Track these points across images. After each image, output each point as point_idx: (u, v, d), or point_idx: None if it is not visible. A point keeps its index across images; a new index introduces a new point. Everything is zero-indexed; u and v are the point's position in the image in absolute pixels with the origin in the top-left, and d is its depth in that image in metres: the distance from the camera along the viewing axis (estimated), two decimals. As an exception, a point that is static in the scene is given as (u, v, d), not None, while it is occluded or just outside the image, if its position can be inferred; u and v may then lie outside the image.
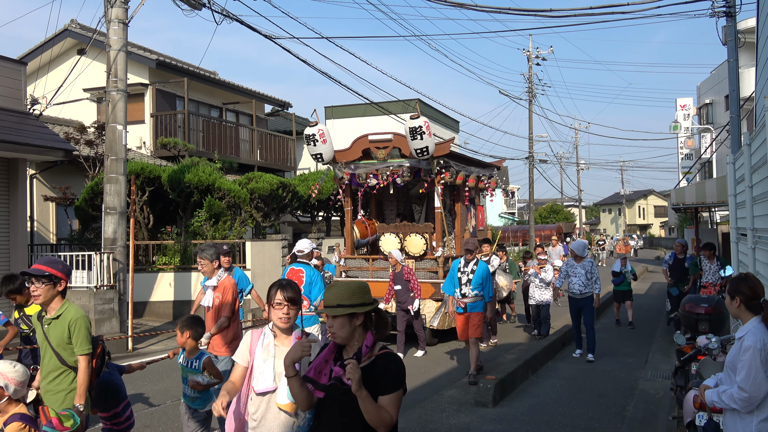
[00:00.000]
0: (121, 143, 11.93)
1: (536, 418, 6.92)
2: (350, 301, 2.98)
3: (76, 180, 16.74)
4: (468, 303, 8.66)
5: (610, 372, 9.18)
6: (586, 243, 10.69)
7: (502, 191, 20.80)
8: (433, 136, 10.71)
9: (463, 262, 8.82)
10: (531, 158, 35.68)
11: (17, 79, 12.67)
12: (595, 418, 6.93)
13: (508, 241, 42.08)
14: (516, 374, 8.38)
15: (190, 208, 16.47)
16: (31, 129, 12.43)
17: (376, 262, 11.82)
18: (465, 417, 6.98)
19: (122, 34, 11.87)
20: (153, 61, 20.30)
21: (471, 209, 13.33)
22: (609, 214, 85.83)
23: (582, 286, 9.97)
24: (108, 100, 11.99)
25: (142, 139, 20.60)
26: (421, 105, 34.20)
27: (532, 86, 35.93)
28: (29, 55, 20.61)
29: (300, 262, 7.73)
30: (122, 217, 12.01)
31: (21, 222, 12.63)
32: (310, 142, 11.44)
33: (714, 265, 11.18)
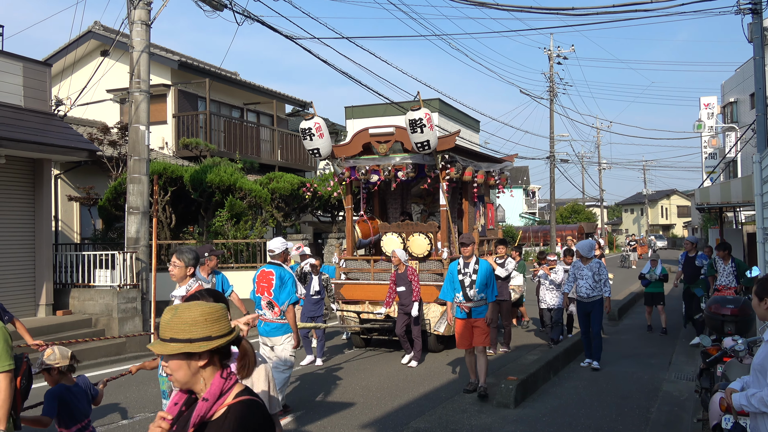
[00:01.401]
0: (143, 144, 12.03)
1: (558, 420, 6.87)
2: (189, 333, 2.15)
3: (100, 180, 16.92)
4: (473, 307, 7.86)
5: (633, 374, 9.09)
6: (593, 243, 9.97)
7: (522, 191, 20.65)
8: (435, 129, 10.17)
9: (462, 263, 8.04)
10: (552, 158, 35.47)
11: (42, 81, 12.83)
12: (618, 420, 6.86)
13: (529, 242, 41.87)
14: (538, 375, 8.32)
15: (211, 207, 16.59)
16: (56, 130, 12.58)
17: (377, 264, 11.24)
18: (486, 418, 6.94)
19: (145, 36, 11.97)
20: (175, 62, 20.46)
21: (480, 207, 12.70)
22: (631, 214, 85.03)
23: (589, 289, 9.39)
24: (131, 100, 12.10)
25: (165, 140, 20.78)
26: (442, 104, 34.19)
27: (554, 85, 35.72)
28: (54, 57, 20.86)
29: (271, 263, 7.02)
30: (145, 217, 12.12)
31: (46, 221, 12.79)
32: (306, 136, 10.96)
33: (728, 266, 10.76)
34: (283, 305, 6.69)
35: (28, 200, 12.53)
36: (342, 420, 6.98)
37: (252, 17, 13.33)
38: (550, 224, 37.39)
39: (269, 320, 6.79)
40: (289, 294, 6.72)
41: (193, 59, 23.14)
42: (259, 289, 6.88)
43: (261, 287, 6.86)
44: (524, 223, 55.99)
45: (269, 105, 24.53)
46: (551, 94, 35.54)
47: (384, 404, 7.62)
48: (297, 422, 6.91)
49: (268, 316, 6.78)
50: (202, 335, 2.16)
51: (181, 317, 2.18)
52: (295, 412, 7.28)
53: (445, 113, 35.11)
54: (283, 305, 6.69)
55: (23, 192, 12.46)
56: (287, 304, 6.68)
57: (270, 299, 6.75)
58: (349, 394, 8.07)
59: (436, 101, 33.46)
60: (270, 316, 6.78)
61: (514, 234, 36.49)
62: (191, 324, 2.17)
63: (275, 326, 6.79)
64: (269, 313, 6.77)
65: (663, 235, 67.10)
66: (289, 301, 6.69)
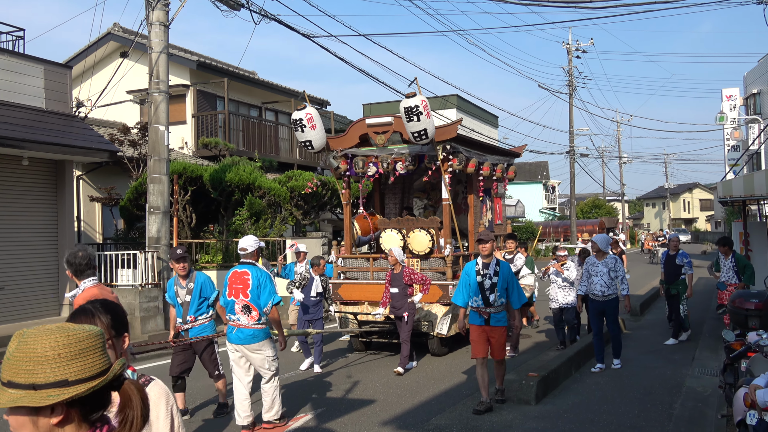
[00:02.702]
0: (163, 144, 12.12)
1: (580, 416, 6.82)
2: (34, 375, 1.44)
3: (121, 180, 17.08)
4: (492, 313, 7.13)
5: (655, 369, 9.01)
6: (608, 237, 9.44)
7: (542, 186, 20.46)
8: (432, 117, 9.52)
9: (481, 264, 7.25)
10: (572, 152, 35.25)
11: (63, 83, 12.97)
12: (641, 416, 6.80)
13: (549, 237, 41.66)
14: (559, 371, 8.26)
15: (231, 206, 16.68)
16: (77, 131, 12.72)
17: (377, 262, 10.53)
18: (507, 414, 6.92)
19: (163, 36, 12.05)
20: (194, 62, 20.59)
21: (487, 201, 11.99)
22: (653, 208, 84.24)
23: (605, 286, 8.78)
24: (150, 101, 12.20)
25: (184, 140, 20.92)
26: (460, 100, 34.10)
27: (573, 79, 35.49)
28: (74, 59, 21.09)
29: (244, 262, 6.36)
30: (165, 217, 12.21)
31: (68, 222, 12.94)
32: (297, 127, 10.35)
33: (729, 261, 10.38)
34: (266, 307, 6.13)
35: (50, 201, 12.69)
36: (362, 417, 6.99)
37: (269, 16, 13.38)
38: (570, 219, 37.17)
39: (244, 326, 6.19)
40: (270, 294, 6.16)
41: (211, 59, 23.28)
42: (232, 292, 6.25)
43: (235, 289, 6.24)
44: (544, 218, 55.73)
45: (287, 104, 24.60)
46: (570, 89, 35.30)
47: (404, 401, 7.62)
48: (317, 419, 6.93)
49: (243, 321, 6.19)
50: (53, 379, 1.43)
51: (24, 350, 1.46)
52: (315, 409, 7.30)
53: (463, 109, 35.01)
54: (266, 307, 6.13)
55: (46, 193, 12.62)
56: (270, 305, 6.14)
57: (246, 302, 6.15)
58: (369, 392, 8.08)
59: (454, 97, 33.38)
60: (246, 322, 6.19)
61: (534, 229, 36.35)
62: (38, 361, 1.44)
63: (252, 333, 6.20)
64: (245, 318, 6.19)
65: (686, 229, 66.38)
66: (272, 302, 6.16)
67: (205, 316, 7.04)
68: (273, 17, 13.44)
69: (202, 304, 7.00)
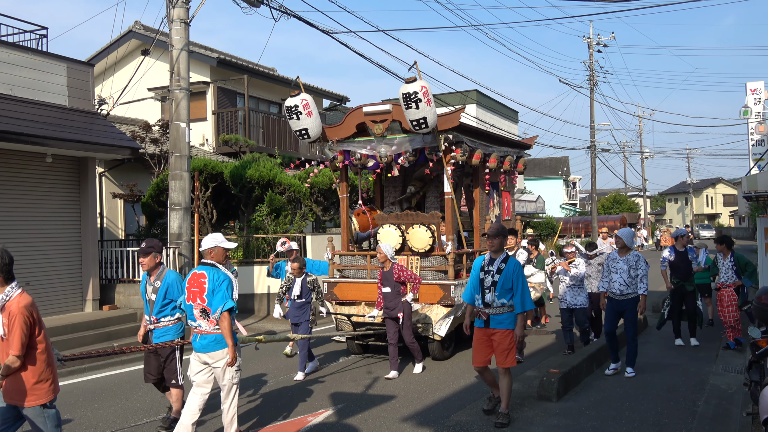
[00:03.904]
0: (184, 140, 12.20)
1: (602, 413, 6.77)
2: None
3: (143, 177, 17.22)
4: (491, 314, 6.49)
5: (678, 366, 8.91)
6: (633, 231, 9.04)
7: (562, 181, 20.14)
8: (433, 104, 8.88)
9: (488, 259, 6.64)
10: (593, 147, 34.98)
11: (85, 81, 13.11)
12: (664, 413, 6.73)
13: (570, 233, 41.37)
14: (580, 368, 8.21)
15: (251, 203, 16.76)
16: (100, 128, 12.85)
17: (374, 260, 9.67)
18: (528, 411, 6.88)
19: (184, 34, 12.12)
20: (214, 59, 20.69)
21: (494, 195, 11.33)
22: (675, 203, 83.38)
23: (624, 285, 8.25)
24: (171, 98, 12.28)
25: (205, 136, 21.05)
26: (479, 95, 33.96)
27: (593, 74, 35.19)
28: (96, 57, 21.30)
29: (204, 263, 5.87)
30: (187, 213, 12.30)
31: (91, 218, 13.09)
32: (291, 115, 9.77)
33: (728, 260, 9.97)
34: (215, 313, 5.63)
35: (74, 198, 12.83)
36: (382, 413, 6.99)
37: (288, 13, 13.40)
38: (592, 215, 36.88)
39: (206, 331, 5.73)
40: (222, 298, 5.63)
41: (231, 56, 23.38)
42: (191, 296, 5.80)
43: (192, 293, 5.78)
44: (565, 214, 55.34)
45: (307, 100, 24.62)
46: (591, 83, 35.02)
47: (424, 397, 7.61)
48: (337, 415, 6.95)
49: (204, 326, 5.73)
50: None
51: None
52: (335, 404, 7.32)
53: (483, 104, 34.86)
54: (215, 313, 5.63)
55: (69, 190, 12.77)
56: (220, 312, 5.61)
57: (203, 306, 5.70)
58: (389, 388, 8.08)
59: (474, 92, 33.25)
60: (206, 327, 5.73)
61: (554, 225, 36.11)
62: None
63: (213, 339, 5.72)
64: (204, 323, 5.72)
65: (710, 225, 65.58)
66: (222, 308, 5.60)
67: (169, 319, 6.53)
68: (292, 14, 13.47)
69: (165, 306, 6.50)
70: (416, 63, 9.11)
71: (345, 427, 6.57)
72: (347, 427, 6.54)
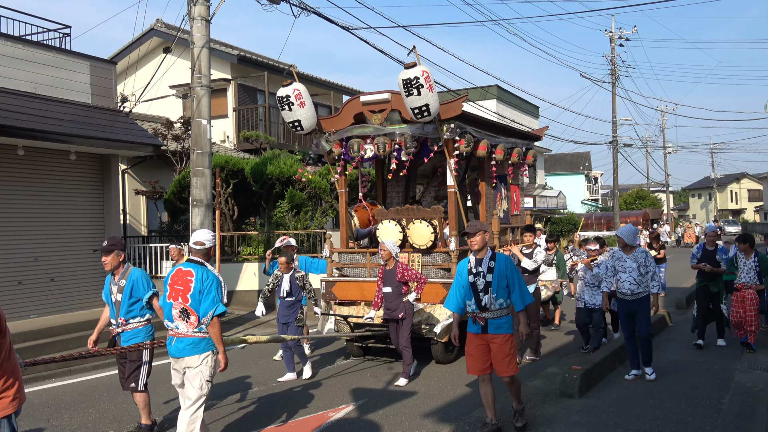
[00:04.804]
0: (206, 137, 12.28)
1: (625, 410, 6.71)
2: None
3: (165, 174, 17.38)
4: (489, 319, 5.92)
5: (702, 363, 8.81)
6: (635, 229, 8.20)
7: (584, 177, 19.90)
8: (435, 91, 8.34)
9: (474, 261, 6.04)
10: (615, 142, 34.68)
11: (108, 79, 13.23)
12: (688, 411, 6.66)
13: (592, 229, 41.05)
14: (603, 365, 8.14)
15: (272, 199, 16.84)
16: (122, 126, 12.98)
17: (375, 257, 9.29)
18: (550, 408, 6.84)
19: (205, 31, 12.18)
20: (234, 56, 20.80)
21: (502, 189, 10.82)
22: (699, 199, 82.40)
23: (634, 284, 7.81)
24: (193, 95, 12.35)
25: (226, 133, 21.18)
26: (500, 91, 33.80)
27: (615, 68, 34.89)
28: (118, 55, 21.51)
29: (192, 260, 5.33)
30: (208, 209, 12.38)
31: (115, 215, 13.22)
32: (284, 106, 9.24)
33: (750, 260, 9.33)
34: (205, 317, 5.13)
35: (97, 195, 12.97)
36: (403, 409, 6.99)
37: (308, 9, 13.43)
38: (614, 211, 36.58)
39: (183, 334, 5.19)
40: (213, 302, 5.14)
41: (252, 53, 23.48)
42: (172, 294, 5.25)
43: (175, 291, 5.24)
44: (586, 209, 54.95)
45: (326, 96, 24.69)
46: (613, 78, 34.72)
47: (445, 393, 7.60)
48: (358, 410, 6.96)
49: (182, 328, 5.19)
50: None
51: None
52: (356, 400, 7.33)
53: (504, 100, 34.69)
54: (205, 317, 5.13)
55: (93, 187, 12.92)
56: (211, 316, 5.12)
57: (185, 306, 5.17)
58: (410, 384, 8.07)
59: (494, 88, 33.10)
60: (184, 329, 5.19)
61: (576, 221, 35.86)
62: None
63: (190, 342, 5.18)
64: (183, 325, 5.19)
65: (735, 220, 64.68)
66: (213, 312, 5.13)
67: (138, 320, 6.17)
68: (312, 10, 13.49)
69: (133, 306, 6.15)
70: (414, 47, 8.61)
71: (366, 422, 6.58)
72: (368, 423, 6.55)
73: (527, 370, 8.80)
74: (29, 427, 6.78)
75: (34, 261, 11.71)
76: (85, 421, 6.92)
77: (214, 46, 16.11)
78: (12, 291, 11.28)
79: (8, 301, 11.14)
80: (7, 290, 11.20)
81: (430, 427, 6.38)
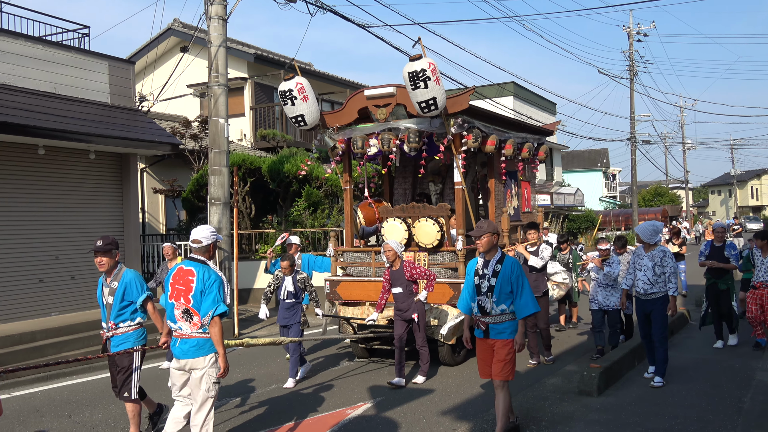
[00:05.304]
0: (223, 136, 12.34)
1: (644, 408, 6.67)
2: None
3: (183, 173, 17.49)
4: (490, 323, 5.70)
5: (723, 362, 8.72)
6: (657, 225, 7.75)
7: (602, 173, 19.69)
8: (442, 83, 8.02)
9: (481, 262, 5.80)
10: (633, 139, 34.43)
11: (126, 78, 13.34)
12: (709, 409, 6.60)
13: (610, 226, 40.79)
14: (622, 362, 8.09)
15: (289, 197, 16.90)
16: (141, 125, 13.08)
17: (380, 256, 8.95)
18: (568, 406, 6.81)
19: (222, 30, 12.24)
20: (251, 55, 20.88)
21: (512, 186, 10.52)
22: (718, 195, 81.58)
23: (648, 283, 7.48)
24: (210, 94, 12.42)
25: (243, 132, 21.28)
26: (516, 87, 33.66)
27: (633, 64, 34.61)
28: (136, 55, 21.68)
29: (193, 259, 5.15)
30: (226, 208, 12.44)
31: (134, 213, 13.34)
32: (286, 100, 8.95)
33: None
34: (206, 318, 4.96)
35: (116, 193, 13.09)
36: (421, 406, 7.00)
37: (324, 7, 13.45)
38: (632, 208, 36.31)
39: (187, 335, 5.03)
40: (214, 302, 4.96)
41: (268, 52, 23.55)
42: (174, 294, 5.08)
43: (176, 291, 5.07)
44: (604, 206, 54.61)
45: (343, 94, 24.70)
46: (631, 73, 34.45)
47: (463, 391, 7.59)
48: (376, 408, 6.97)
49: (186, 329, 5.04)
50: None
51: None
52: (374, 398, 7.34)
53: (520, 96, 34.53)
54: (206, 318, 4.96)
55: (112, 185, 13.03)
56: (211, 316, 4.95)
57: (187, 306, 5.01)
58: (428, 381, 8.07)
59: (511, 84, 32.96)
60: (188, 330, 5.03)
61: (593, 218, 35.63)
62: None
63: (195, 344, 5.02)
64: (186, 326, 5.03)
65: (757, 217, 63.92)
66: (214, 312, 4.95)
67: (129, 324, 5.89)
68: (328, 8, 13.51)
69: (124, 309, 5.88)
70: (420, 39, 8.36)
71: (383, 420, 6.59)
72: (386, 420, 6.56)
73: (545, 368, 8.79)
74: (52, 423, 6.89)
75: (55, 259, 11.84)
76: (106, 418, 7.00)
77: (230, 45, 16.17)
78: (34, 289, 11.42)
79: (30, 299, 11.28)
80: (28, 288, 11.34)
81: (448, 425, 6.38)
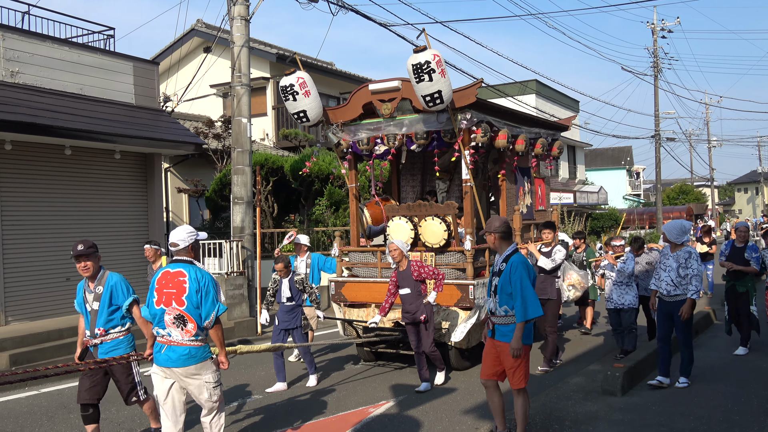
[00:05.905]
0: (246, 136, 12.43)
1: (669, 408, 6.61)
2: None
3: (206, 172, 17.64)
4: (496, 324, 5.49)
5: (750, 361, 8.61)
6: (684, 225, 7.41)
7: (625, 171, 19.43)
8: (447, 76, 7.66)
9: (496, 259, 5.64)
10: (657, 136, 34.08)
11: (151, 79, 13.50)
12: (735, 410, 6.52)
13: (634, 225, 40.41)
14: (646, 362, 8.02)
15: (311, 196, 16.97)
16: (165, 125, 13.22)
17: (386, 256, 8.42)
18: (592, 405, 6.77)
19: (244, 31, 12.34)
20: (273, 55, 20.99)
21: (525, 183, 10.17)
22: (745, 193, 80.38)
23: (671, 285, 7.21)
24: (233, 94, 12.52)
25: (265, 131, 21.40)
26: (539, 85, 33.45)
27: (658, 60, 34.26)
28: (160, 56, 21.90)
29: (179, 260, 4.88)
30: (249, 207, 12.53)
31: (158, 213, 13.49)
32: (287, 96, 8.66)
33: None
34: (209, 320, 4.76)
35: (141, 193, 13.25)
36: (443, 405, 7.00)
37: (346, 7, 13.51)
38: (656, 206, 35.92)
39: (177, 342, 4.74)
40: (214, 302, 4.77)
41: (290, 51, 23.66)
42: (163, 299, 4.78)
43: (166, 295, 4.77)
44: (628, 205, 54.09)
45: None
46: (655, 70, 34.10)
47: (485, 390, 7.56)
48: (398, 406, 6.99)
49: (176, 336, 4.74)
50: None
51: None
52: (396, 396, 7.36)
53: (543, 94, 34.33)
54: (209, 320, 4.76)
55: (136, 185, 13.19)
56: (214, 318, 4.78)
57: (181, 311, 4.71)
58: (451, 380, 8.08)
59: (533, 82, 32.77)
60: (179, 337, 4.74)
61: (617, 217, 35.32)
62: None
63: (186, 353, 4.73)
64: (178, 332, 4.73)
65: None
66: (216, 312, 4.78)
67: (119, 329, 5.64)
68: (350, 7, 13.56)
69: (114, 314, 5.62)
70: (424, 30, 8.01)
71: (406, 418, 6.61)
72: (408, 419, 6.58)
73: (569, 367, 8.75)
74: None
75: (82, 258, 12.00)
76: (132, 415, 7.10)
77: (253, 45, 16.28)
78: (61, 287, 11.60)
79: (57, 297, 11.46)
80: (56, 286, 11.53)
81: (471, 423, 6.38)
